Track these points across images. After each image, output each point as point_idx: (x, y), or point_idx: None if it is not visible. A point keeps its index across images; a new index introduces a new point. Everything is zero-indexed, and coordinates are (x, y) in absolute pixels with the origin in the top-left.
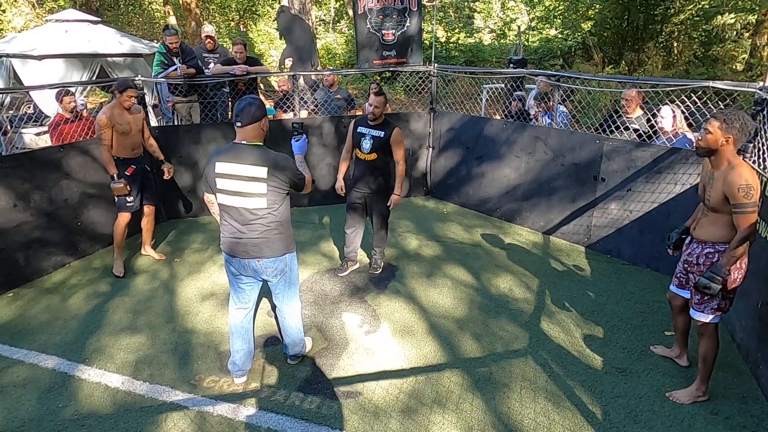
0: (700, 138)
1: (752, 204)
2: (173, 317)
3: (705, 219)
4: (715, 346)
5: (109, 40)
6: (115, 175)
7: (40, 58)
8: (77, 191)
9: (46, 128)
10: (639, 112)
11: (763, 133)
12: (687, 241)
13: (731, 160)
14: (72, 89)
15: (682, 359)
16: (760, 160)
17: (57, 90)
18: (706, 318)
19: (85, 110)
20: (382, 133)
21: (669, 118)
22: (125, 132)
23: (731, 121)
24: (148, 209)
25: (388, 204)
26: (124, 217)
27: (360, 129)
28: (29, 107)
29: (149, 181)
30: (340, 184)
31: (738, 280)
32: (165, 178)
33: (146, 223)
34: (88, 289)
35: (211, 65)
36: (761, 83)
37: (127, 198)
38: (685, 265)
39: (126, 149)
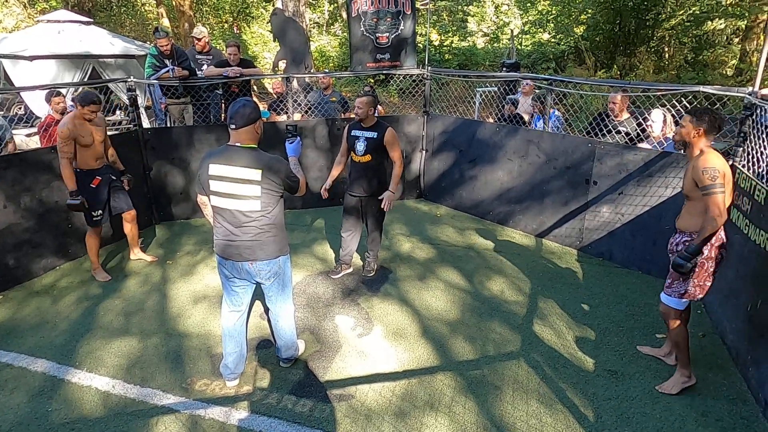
0: (676, 132)
1: (718, 185)
2: (165, 320)
3: (684, 209)
4: (683, 330)
5: (101, 41)
6: (73, 192)
7: (31, 58)
8: (68, 193)
9: (36, 129)
10: (626, 115)
11: (752, 137)
12: (673, 233)
13: (703, 149)
14: (62, 90)
15: (670, 358)
16: (750, 165)
17: (47, 91)
18: (671, 302)
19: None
20: (375, 134)
21: (659, 122)
22: (88, 144)
23: (701, 115)
24: (127, 215)
25: (381, 200)
26: (94, 232)
27: (354, 132)
28: (20, 108)
29: (118, 190)
30: (327, 185)
31: (710, 269)
32: (126, 188)
33: (129, 230)
34: (79, 292)
35: (204, 67)
36: (751, 88)
37: (93, 212)
38: (670, 255)
39: (89, 161)
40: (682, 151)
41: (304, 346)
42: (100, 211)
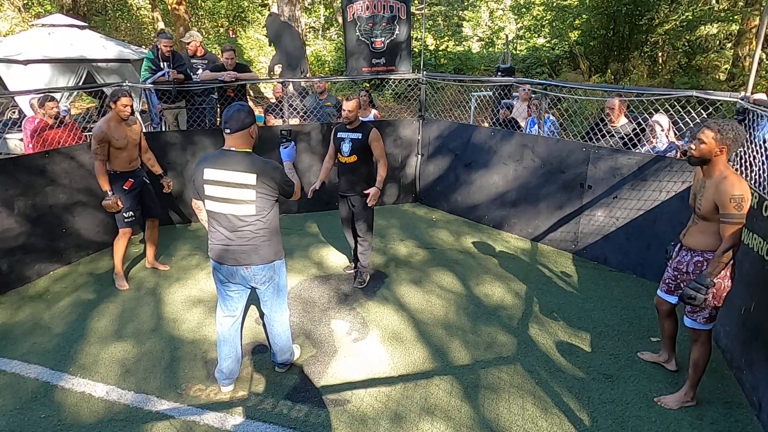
0: (693, 148)
1: (741, 216)
2: (160, 325)
3: (694, 227)
4: (708, 352)
5: (96, 45)
6: (108, 192)
7: (26, 62)
8: (62, 197)
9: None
10: (623, 120)
11: (745, 142)
12: (677, 248)
13: (723, 170)
14: (56, 95)
15: (670, 364)
16: (742, 169)
17: (41, 95)
18: (700, 326)
19: (68, 116)
20: (359, 135)
21: (666, 127)
22: (122, 147)
23: (725, 131)
24: (150, 222)
25: (366, 199)
26: (125, 233)
27: (339, 134)
28: (14, 112)
29: (149, 194)
30: (316, 186)
31: (726, 288)
32: (164, 191)
33: (150, 236)
34: (73, 297)
35: (200, 71)
36: (743, 93)
37: (125, 213)
38: (676, 273)
39: (123, 163)
40: (698, 165)
41: (299, 351)
42: (131, 213)
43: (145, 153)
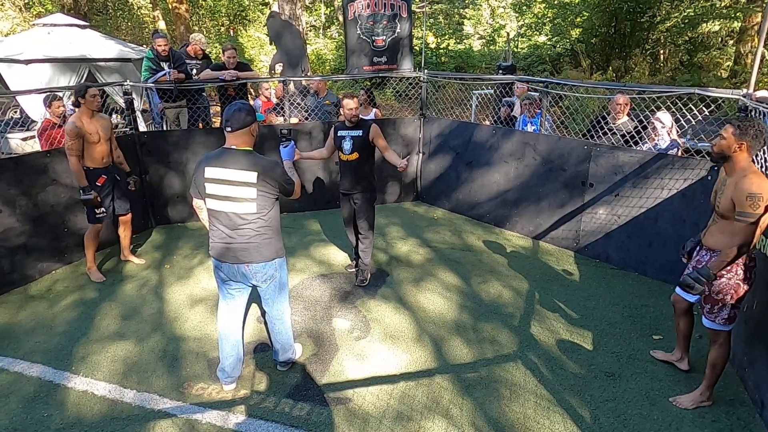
0: (714, 143)
1: (756, 216)
2: (162, 324)
3: (714, 226)
4: (726, 353)
5: (97, 45)
6: (85, 187)
7: (27, 62)
8: (64, 197)
9: (32, 133)
10: (625, 118)
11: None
12: (697, 248)
13: (745, 167)
14: (60, 94)
15: (682, 363)
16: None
17: (45, 95)
18: (719, 327)
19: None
20: (360, 132)
21: (669, 124)
22: (95, 141)
23: (745, 127)
24: (123, 218)
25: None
26: (95, 229)
27: (340, 133)
28: (15, 112)
29: (121, 190)
30: (308, 154)
31: (743, 290)
32: (130, 189)
33: (123, 231)
34: (75, 296)
35: (193, 71)
36: (745, 90)
37: (96, 209)
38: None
39: (96, 159)
40: (719, 164)
41: (301, 350)
42: (103, 209)
43: (115, 150)
